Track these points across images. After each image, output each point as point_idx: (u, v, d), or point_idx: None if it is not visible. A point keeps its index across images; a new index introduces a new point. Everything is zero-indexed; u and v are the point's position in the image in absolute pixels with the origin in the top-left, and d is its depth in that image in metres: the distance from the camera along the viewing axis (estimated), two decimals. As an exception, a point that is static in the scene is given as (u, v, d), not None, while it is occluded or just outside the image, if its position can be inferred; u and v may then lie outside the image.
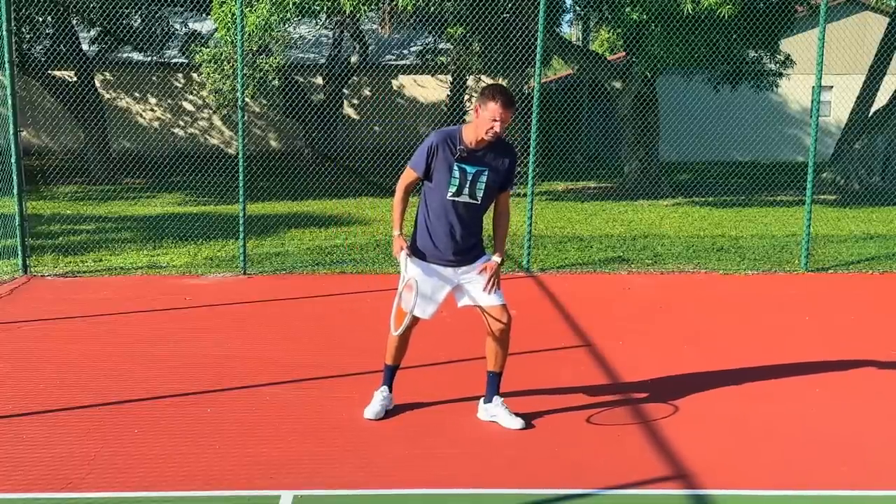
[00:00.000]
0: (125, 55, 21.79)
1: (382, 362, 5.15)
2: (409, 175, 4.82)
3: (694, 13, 13.26)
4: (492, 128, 4.57)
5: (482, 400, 5.01)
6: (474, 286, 4.85)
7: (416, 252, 4.84)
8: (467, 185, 4.70)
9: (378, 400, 5.04)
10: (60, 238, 11.03)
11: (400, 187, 4.86)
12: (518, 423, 4.85)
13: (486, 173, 4.69)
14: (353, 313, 7.55)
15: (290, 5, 13.90)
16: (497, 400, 4.94)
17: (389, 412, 5.04)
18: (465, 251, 4.81)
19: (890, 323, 7.36)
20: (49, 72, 18.72)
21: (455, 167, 4.67)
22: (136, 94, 24.90)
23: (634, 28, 14.77)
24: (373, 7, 14.56)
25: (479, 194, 4.73)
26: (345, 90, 24.42)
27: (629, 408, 5.21)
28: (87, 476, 4.20)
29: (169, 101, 25.05)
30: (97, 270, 9.19)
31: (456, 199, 4.72)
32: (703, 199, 16.08)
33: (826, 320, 7.45)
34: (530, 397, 5.36)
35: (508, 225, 4.98)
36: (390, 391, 5.10)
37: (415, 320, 4.89)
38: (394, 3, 14.17)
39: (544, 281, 8.89)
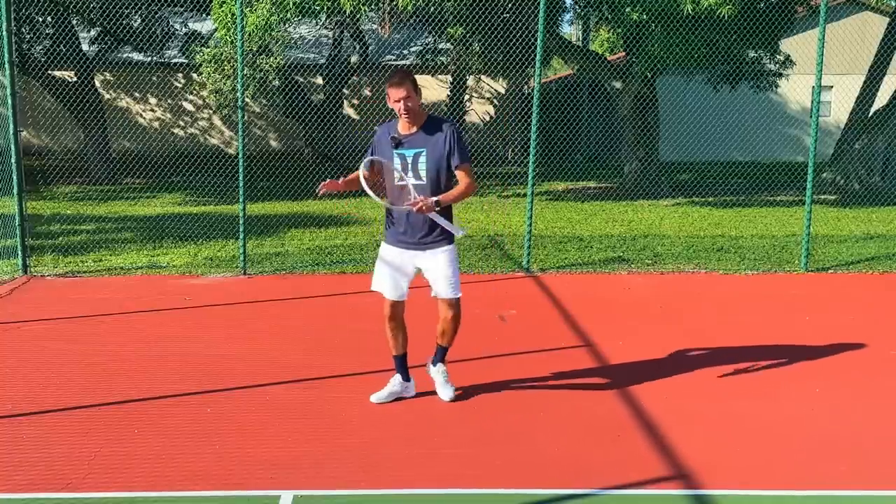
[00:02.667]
0: (125, 55, 21.81)
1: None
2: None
3: (694, 13, 13.25)
4: (399, 108, 4.90)
5: (430, 359, 5.43)
6: (433, 278, 5.11)
7: (386, 238, 5.23)
8: (410, 169, 4.96)
9: (387, 386, 5.29)
10: (60, 238, 11.03)
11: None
12: (448, 394, 5.26)
13: (424, 153, 4.94)
14: (353, 313, 7.55)
15: (290, 5, 13.89)
16: (440, 367, 5.34)
17: (405, 401, 5.26)
18: (424, 236, 5.03)
19: (890, 323, 7.36)
20: (49, 72, 18.71)
21: (395, 155, 4.98)
22: (136, 94, 24.92)
23: (634, 28, 14.77)
24: (373, 7, 14.55)
25: (423, 174, 4.95)
26: (345, 90, 24.43)
27: (629, 408, 5.21)
28: (87, 476, 4.20)
29: (169, 101, 25.07)
30: (97, 270, 9.20)
31: (403, 182, 4.98)
32: (703, 199, 16.08)
33: (826, 320, 7.45)
34: (530, 397, 5.36)
35: (463, 192, 5.01)
36: (404, 379, 5.31)
37: (400, 305, 5.21)
38: (394, 3, 14.17)
39: (544, 281, 8.89)
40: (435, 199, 4.90)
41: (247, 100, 21.06)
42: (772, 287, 8.82)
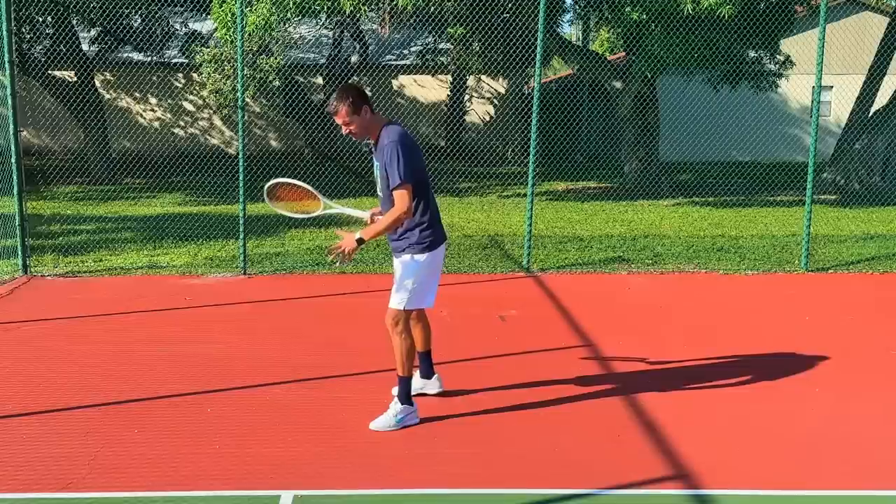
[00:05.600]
0: (125, 55, 21.81)
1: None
2: None
3: (694, 13, 13.25)
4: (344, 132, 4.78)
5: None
6: None
7: None
8: (377, 179, 4.88)
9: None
10: (60, 238, 11.03)
11: None
12: (376, 423, 4.84)
13: (377, 165, 4.84)
14: (353, 313, 7.55)
15: (290, 5, 13.89)
16: (394, 393, 4.97)
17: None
18: (394, 241, 4.94)
19: (890, 323, 7.35)
20: (49, 72, 18.72)
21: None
22: (137, 94, 24.92)
23: (634, 28, 14.77)
24: (373, 7, 14.56)
25: (380, 185, 4.87)
26: (345, 90, 24.38)
27: (629, 408, 5.21)
28: (87, 476, 4.20)
29: (169, 101, 25.06)
30: (97, 270, 9.19)
31: (378, 192, 4.93)
32: (703, 199, 16.08)
33: (826, 320, 7.45)
34: (530, 397, 5.35)
35: (390, 223, 4.69)
36: (422, 375, 5.27)
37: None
38: (394, 3, 14.17)
39: (544, 281, 8.89)
40: (358, 237, 4.66)
41: (247, 100, 21.04)
42: (772, 287, 8.82)
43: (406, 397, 4.88)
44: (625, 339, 6.72)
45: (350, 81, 23.99)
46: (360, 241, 4.68)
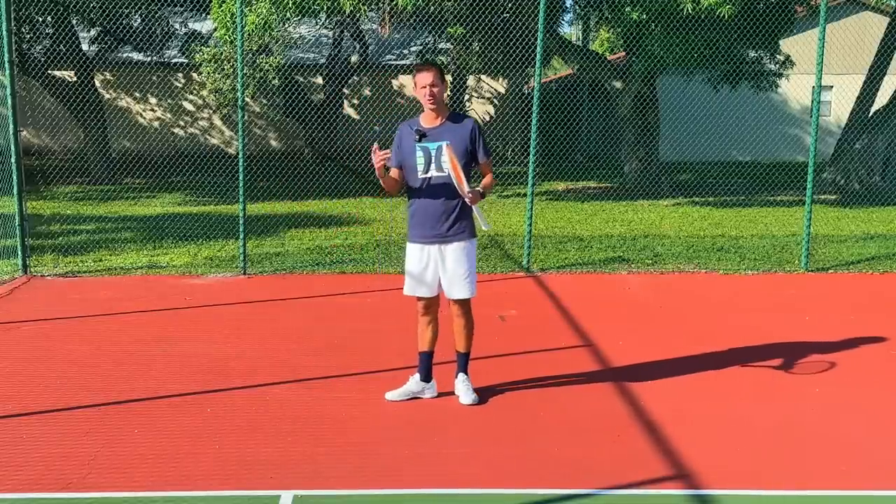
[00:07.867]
0: (125, 55, 21.82)
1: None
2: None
3: (694, 13, 13.26)
4: (424, 95, 4.99)
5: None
6: (448, 274, 5.10)
7: (409, 237, 5.19)
8: (433, 161, 4.99)
9: (405, 385, 5.29)
10: (60, 238, 11.03)
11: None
12: (466, 398, 5.18)
13: (436, 146, 4.98)
14: (354, 313, 7.55)
15: (290, 5, 13.89)
16: (461, 377, 5.29)
17: (405, 401, 5.23)
18: (445, 228, 5.05)
19: (890, 323, 7.35)
20: (49, 72, 18.72)
21: (417, 149, 5.00)
22: (136, 94, 24.92)
23: (634, 28, 14.77)
24: (373, 7, 14.55)
25: (444, 166, 4.96)
26: (345, 90, 24.42)
27: (629, 408, 5.21)
28: (87, 476, 4.20)
29: (169, 100, 25.07)
30: (97, 270, 9.20)
31: (426, 176, 5.01)
32: (703, 199, 16.08)
33: (826, 320, 7.45)
34: (530, 397, 5.36)
35: (491, 183, 5.19)
36: (423, 378, 5.28)
37: (433, 301, 5.21)
38: (394, 2, 14.16)
39: (544, 281, 8.89)
40: (480, 189, 4.99)
41: (247, 99, 21.06)
42: (772, 287, 8.82)
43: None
44: (625, 339, 6.72)
45: (350, 82, 24.08)
46: (482, 194, 5.04)
